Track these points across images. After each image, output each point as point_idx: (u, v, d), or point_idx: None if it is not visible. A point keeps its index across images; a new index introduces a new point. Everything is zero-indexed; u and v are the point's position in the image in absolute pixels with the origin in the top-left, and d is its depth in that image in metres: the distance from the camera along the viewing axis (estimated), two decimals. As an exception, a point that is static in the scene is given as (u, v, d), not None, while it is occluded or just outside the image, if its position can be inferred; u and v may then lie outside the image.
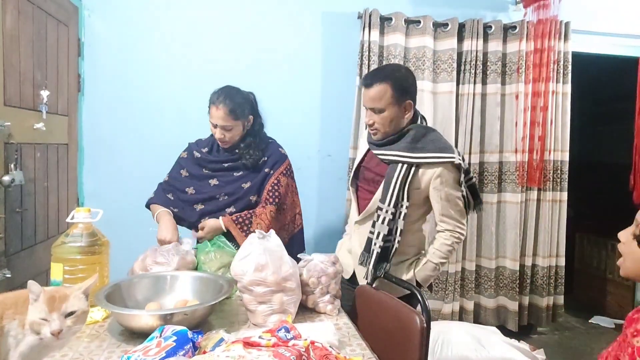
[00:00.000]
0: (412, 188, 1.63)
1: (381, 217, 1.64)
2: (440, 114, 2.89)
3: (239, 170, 1.86)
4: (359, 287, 1.63)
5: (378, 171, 1.71)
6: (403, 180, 1.61)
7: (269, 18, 2.83)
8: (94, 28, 2.67)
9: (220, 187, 1.85)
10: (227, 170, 1.87)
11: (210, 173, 1.87)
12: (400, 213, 1.63)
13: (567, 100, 3.02)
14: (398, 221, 1.64)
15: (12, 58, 1.93)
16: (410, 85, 1.66)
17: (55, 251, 1.31)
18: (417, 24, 2.85)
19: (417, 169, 1.62)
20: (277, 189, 1.85)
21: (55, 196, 2.35)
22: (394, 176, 1.61)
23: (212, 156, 1.90)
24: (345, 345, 1.22)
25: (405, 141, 1.65)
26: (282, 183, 1.87)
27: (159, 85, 2.73)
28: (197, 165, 1.90)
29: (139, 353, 0.98)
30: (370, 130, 1.71)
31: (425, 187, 1.64)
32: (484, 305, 3.06)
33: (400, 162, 1.62)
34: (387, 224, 1.63)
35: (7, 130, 1.88)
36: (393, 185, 1.61)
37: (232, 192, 1.83)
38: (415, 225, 1.74)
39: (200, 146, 1.94)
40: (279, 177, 1.87)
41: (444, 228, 1.67)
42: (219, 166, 1.87)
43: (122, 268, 1.63)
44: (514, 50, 2.95)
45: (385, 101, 1.61)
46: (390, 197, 1.61)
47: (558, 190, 3.04)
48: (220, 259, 1.64)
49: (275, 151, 1.94)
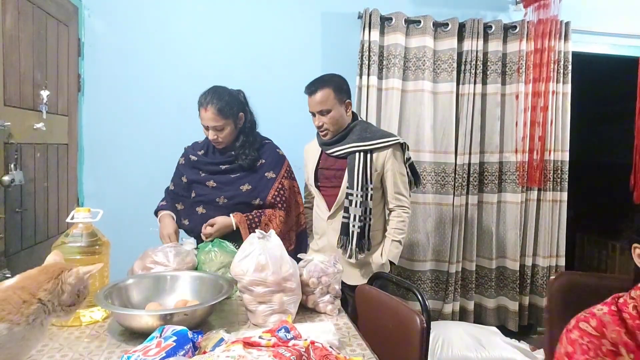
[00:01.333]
0: (372, 172, 1.88)
1: (353, 201, 1.87)
2: (440, 114, 2.89)
3: (236, 171, 1.86)
4: (359, 287, 1.63)
5: (337, 167, 1.94)
6: (364, 165, 1.87)
7: (269, 18, 2.83)
8: (94, 28, 2.67)
9: (218, 189, 1.84)
10: (224, 173, 1.86)
11: (207, 175, 1.86)
12: (367, 195, 1.87)
13: (567, 100, 3.01)
14: (368, 202, 1.88)
15: (12, 58, 1.93)
16: (347, 88, 1.94)
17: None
18: (417, 24, 2.85)
19: (372, 154, 1.88)
20: (282, 194, 1.87)
21: (55, 196, 2.35)
22: (355, 164, 1.87)
23: (208, 158, 1.89)
24: (345, 345, 1.22)
25: (354, 134, 1.91)
26: (286, 186, 1.90)
27: (159, 85, 2.73)
28: (195, 169, 1.90)
29: (139, 353, 0.98)
30: (320, 132, 1.93)
31: (380, 169, 1.90)
32: (484, 305, 3.06)
33: (357, 152, 1.88)
34: (360, 206, 1.86)
35: (7, 130, 1.88)
36: (356, 171, 1.86)
37: (231, 196, 1.82)
38: (379, 209, 1.97)
39: (195, 149, 1.94)
40: (282, 181, 1.89)
41: (396, 205, 1.93)
42: (215, 168, 1.87)
43: (122, 268, 1.62)
44: (514, 50, 2.95)
45: (330, 102, 1.86)
46: (357, 182, 1.86)
47: (558, 190, 3.04)
48: (220, 259, 1.64)
49: (273, 152, 1.94)
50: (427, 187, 2.89)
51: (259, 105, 2.87)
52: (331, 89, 1.86)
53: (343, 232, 1.91)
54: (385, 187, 1.93)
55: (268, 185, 1.85)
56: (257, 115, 2.03)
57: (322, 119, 1.88)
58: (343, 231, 1.91)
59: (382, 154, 1.89)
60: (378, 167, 1.90)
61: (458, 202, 2.91)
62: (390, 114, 2.82)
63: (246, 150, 1.85)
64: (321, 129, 1.91)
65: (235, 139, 1.86)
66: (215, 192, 1.83)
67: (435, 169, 2.90)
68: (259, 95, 2.88)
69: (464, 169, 2.90)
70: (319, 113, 1.88)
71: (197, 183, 1.88)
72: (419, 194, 2.89)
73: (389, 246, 1.92)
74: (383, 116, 2.84)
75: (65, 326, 1.29)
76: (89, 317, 1.31)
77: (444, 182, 2.91)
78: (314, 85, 1.88)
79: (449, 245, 2.92)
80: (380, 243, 1.97)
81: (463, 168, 2.89)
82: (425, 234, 2.90)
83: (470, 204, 2.94)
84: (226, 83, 1.91)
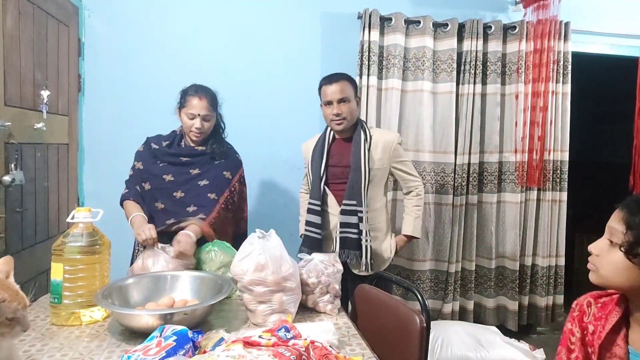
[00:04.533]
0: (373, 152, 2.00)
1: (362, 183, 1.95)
2: (440, 114, 2.89)
3: (195, 166, 1.88)
4: (359, 287, 1.64)
5: (344, 164, 2.01)
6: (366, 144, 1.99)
7: (269, 18, 2.83)
8: (94, 28, 2.67)
9: (176, 183, 1.85)
10: (182, 165, 1.88)
11: (166, 166, 1.87)
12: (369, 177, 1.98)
13: (567, 100, 3.01)
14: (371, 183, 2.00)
15: (13, 58, 1.94)
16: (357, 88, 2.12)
17: (56, 251, 1.31)
18: (417, 24, 2.85)
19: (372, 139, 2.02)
20: (233, 196, 1.93)
21: (55, 196, 2.36)
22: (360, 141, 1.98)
23: (172, 149, 1.91)
24: (345, 345, 1.22)
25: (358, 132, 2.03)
26: (238, 190, 1.96)
27: (159, 85, 2.73)
28: (153, 158, 1.90)
29: (139, 353, 0.98)
30: (336, 121, 2.00)
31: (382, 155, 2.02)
32: (483, 305, 3.06)
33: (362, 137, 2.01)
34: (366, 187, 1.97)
35: (7, 130, 1.88)
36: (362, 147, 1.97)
37: (189, 189, 1.84)
38: (382, 201, 2.10)
39: (160, 139, 1.95)
40: (235, 185, 1.95)
41: (416, 184, 2.11)
42: (175, 160, 1.88)
43: (122, 268, 1.63)
44: (513, 50, 2.95)
45: (349, 92, 2.00)
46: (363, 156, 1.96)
47: (558, 190, 3.04)
48: (220, 259, 1.64)
49: (233, 156, 2.00)
50: (427, 187, 2.89)
51: (258, 105, 2.88)
52: (348, 81, 2.01)
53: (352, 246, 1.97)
54: (398, 176, 2.11)
55: (225, 183, 1.90)
56: (257, 115, 2.04)
57: (341, 107, 1.98)
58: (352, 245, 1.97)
59: (384, 138, 2.04)
60: (384, 159, 2.02)
61: (458, 202, 2.91)
62: (390, 114, 2.82)
63: (213, 144, 1.92)
64: (338, 117, 1.99)
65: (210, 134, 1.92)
66: (173, 186, 1.85)
67: (435, 169, 2.90)
68: (259, 95, 2.90)
69: (464, 169, 2.90)
70: (338, 101, 1.98)
71: (151, 173, 1.88)
72: (418, 194, 2.90)
73: (413, 222, 2.10)
74: (383, 116, 2.85)
75: (65, 325, 1.29)
76: (89, 316, 1.32)
77: (443, 182, 2.91)
78: (334, 77, 2.01)
79: (448, 245, 2.92)
80: (387, 233, 2.10)
81: (462, 168, 2.89)
82: (425, 233, 2.90)
83: (470, 204, 2.94)
84: (226, 83, 1.92)
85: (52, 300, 1.30)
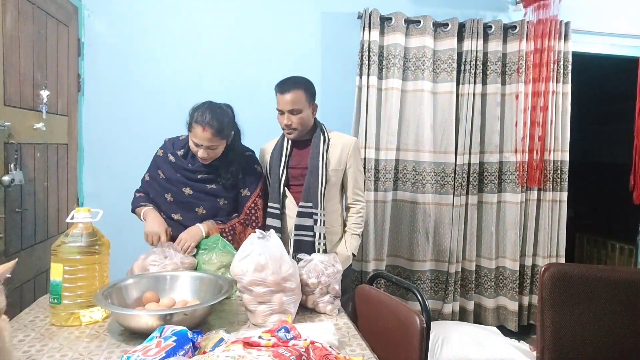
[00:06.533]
0: (331, 154, 1.96)
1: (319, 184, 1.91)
2: (440, 114, 2.89)
3: (212, 183, 1.84)
4: (359, 287, 1.63)
5: (303, 165, 1.97)
6: (324, 146, 1.96)
7: (269, 18, 2.83)
8: (94, 28, 2.67)
9: (196, 198, 1.83)
10: (200, 182, 1.84)
11: (183, 179, 1.84)
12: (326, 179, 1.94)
13: (567, 100, 3.01)
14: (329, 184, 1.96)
15: (12, 58, 1.93)
16: (315, 91, 1.99)
17: (55, 251, 1.31)
18: (417, 24, 2.85)
19: (330, 141, 1.98)
20: (255, 212, 1.90)
21: (55, 196, 2.35)
22: (319, 143, 1.96)
23: (187, 162, 1.85)
24: (345, 345, 1.22)
25: (317, 134, 1.99)
26: (260, 206, 1.92)
27: (159, 85, 2.73)
28: (172, 169, 1.87)
29: (139, 353, 0.98)
30: (287, 131, 1.96)
31: (343, 165, 1.99)
32: (483, 305, 3.06)
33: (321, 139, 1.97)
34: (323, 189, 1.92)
35: (7, 130, 1.88)
36: (320, 149, 1.94)
37: (209, 207, 1.83)
38: (339, 204, 2.07)
39: (176, 147, 1.89)
40: (256, 200, 1.91)
41: (355, 200, 2.04)
42: (191, 175, 1.84)
43: (122, 268, 1.63)
44: (514, 50, 2.95)
45: (302, 103, 1.91)
46: (321, 158, 1.92)
47: (558, 190, 3.04)
48: (220, 259, 1.64)
49: (251, 170, 1.92)
50: (427, 187, 2.89)
51: (258, 105, 2.87)
52: (303, 90, 1.92)
53: (307, 250, 1.86)
54: (346, 182, 2.03)
55: (242, 203, 1.88)
56: (257, 115, 2.03)
57: (291, 118, 1.91)
58: (306, 249, 1.88)
59: (342, 141, 2.01)
60: (337, 152, 1.98)
61: (458, 202, 2.91)
62: (390, 114, 2.82)
63: (231, 169, 1.83)
64: (289, 128, 1.94)
65: (222, 154, 1.82)
66: (194, 202, 1.82)
67: (435, 169, 2.90)
68: (259, 95, 2.89)
69: (464, 169, 2.90)
70: (289, 112, 1.91)
71: (172, 184, 1.84)
72: (418, 194, 2.90)
73: (350, 240, 2.02)
74: (383, 116, 2.84)
75: (64, 326, 1.29)
76: (88, 317, 1.31)
77: (443, 182, 2.91)
78: (286, 85, 1.92)
79: (448, 245, 2.92)
80: (342, 238, 2.05)
81: (463, 168, 2.89)
82: (425, 234, 2.90)
83: (470, 204, 2.94)
84: (226, 83, 1.91)
85: (52, 300, 1.30)
